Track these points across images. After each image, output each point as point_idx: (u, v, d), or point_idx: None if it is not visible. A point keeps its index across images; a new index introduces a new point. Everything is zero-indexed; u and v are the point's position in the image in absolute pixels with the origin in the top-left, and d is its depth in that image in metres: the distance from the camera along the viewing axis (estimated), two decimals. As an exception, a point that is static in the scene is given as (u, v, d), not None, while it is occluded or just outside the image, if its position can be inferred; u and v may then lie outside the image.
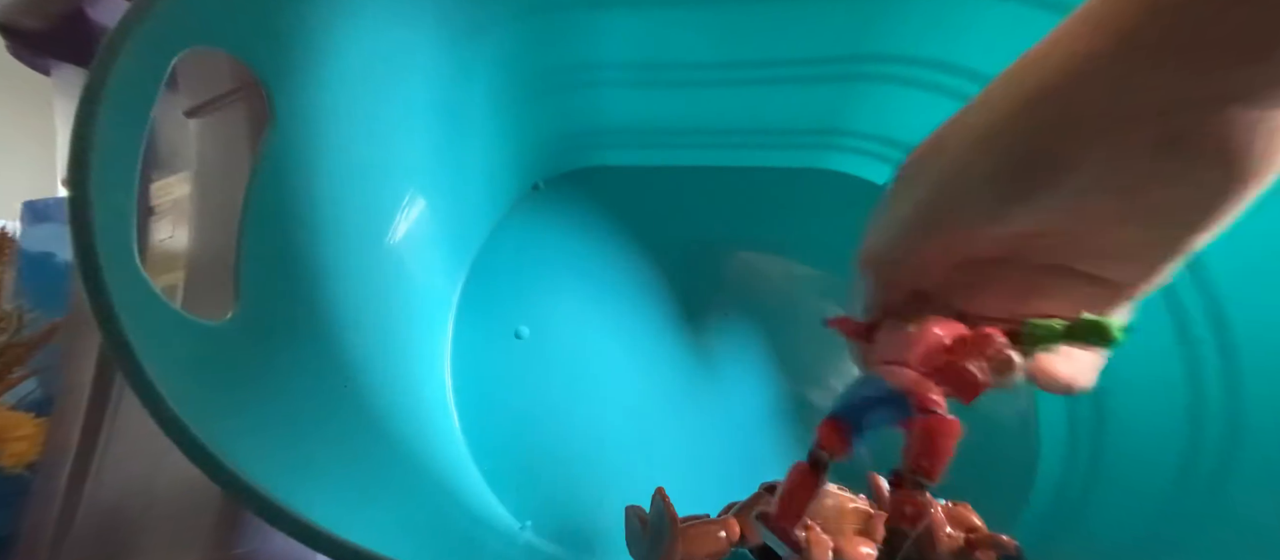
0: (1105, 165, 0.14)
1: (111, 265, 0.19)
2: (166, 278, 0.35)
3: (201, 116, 0.35)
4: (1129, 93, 0.13)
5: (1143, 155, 0.14)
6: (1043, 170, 0.15)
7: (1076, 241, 0.16)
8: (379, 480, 0.29)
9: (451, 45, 0.34)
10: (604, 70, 0.40)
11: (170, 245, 0.36)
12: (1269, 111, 0.13)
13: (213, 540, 0.30)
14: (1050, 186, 0.15)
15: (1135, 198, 0.15)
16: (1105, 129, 0.14)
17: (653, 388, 0.40)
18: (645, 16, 0.37)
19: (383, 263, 0.35)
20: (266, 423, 0.24)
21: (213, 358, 0.23)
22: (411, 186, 0.37)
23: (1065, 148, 0.15)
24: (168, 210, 0.37)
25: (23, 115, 0.64)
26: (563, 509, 0.37)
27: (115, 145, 0.20)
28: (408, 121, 0.34)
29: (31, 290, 0.43)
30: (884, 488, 0.28)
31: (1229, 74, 0.13)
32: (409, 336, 0.37)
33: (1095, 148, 0.14)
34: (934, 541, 0.27)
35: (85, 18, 0.43)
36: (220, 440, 0.19)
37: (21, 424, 0.37)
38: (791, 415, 0.39)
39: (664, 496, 0.24)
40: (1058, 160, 0.15)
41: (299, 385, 0.28)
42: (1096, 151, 0.14)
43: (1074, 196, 0.15)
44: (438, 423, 0.37)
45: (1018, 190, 0.15)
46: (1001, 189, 0.16)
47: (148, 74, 0.21)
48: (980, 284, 0.18)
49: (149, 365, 0.19)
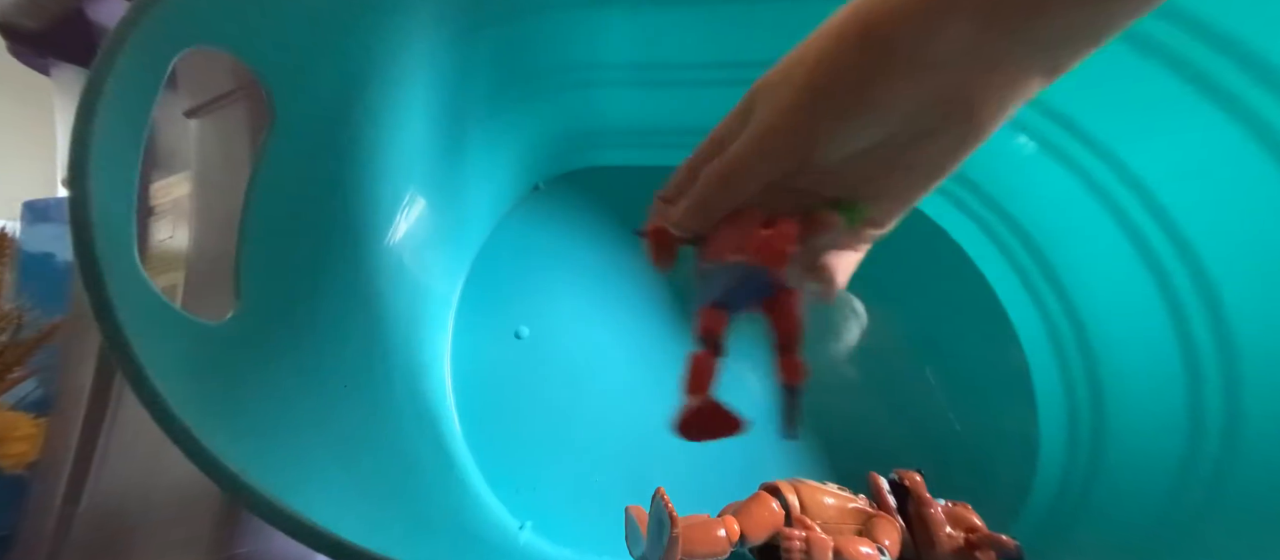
0: (905, 104, 0.17)
1: (111, 265, 0.19)
2: (166, 278, 0.35)
3: (201, 116, 0.35)
4: (931, 40, 0.16)
5: (927, 105, 0.17)
6: (854, 100, 0.17)
7: (859, 181, 0.19)
8: (379, 480, 0.29)
9: (451, 45, 0.34)
10: (603, 70, 0.40)
11: (170, 245, 0.36)
12: (1013, 77, 0.16)
13: (212, 540, 0.30)
14: (857, 117, 0.18)
15: (907, 150, 0.18)
16: (909, 71, 0.16)
17: (652, 387, 0.40)
18: (644, 16, 0.37)
19: (383, 263, 0.35)
20: (266, 423, 0.24)
21: (213, 357, 0.23)
22: (411, 186, 0.37)
23: (877, 83, 0.17)
24: (168, 210, 0.37)
25: (23, 115, 0.64)
26: (563, 509, 0.37)
27: (115, 145, 0.20)
28: (408, 121, 0.34)
29: (31, 290, 0.43)
30: (884, 487, 0.29)
31: (1008, 33, 0.16)
32: (409, 336, 0.37)
33: (899, 86, 0.17)
34: (934, 541, 0.27)
35: (85, 18, 0.43)
36: (220, 440, 0.19)
37: (21, 424, 0.37)
38: (791, 415, 0.39)
39: (664, 496, 0.24)
40: (868, 93, 0.17)
41: (299, 385, 0.28)
42: (900, 89, 0.17)
43: (872, 132, 0.18)
44: (438, 423, 0.37)
45: (832, 114, 0.18)
46: (820, 113, 0.18)
47: (148, 74, 0.21)
48: (778, 204, 0.21)
49: (149, 365, 0.19)
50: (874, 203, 0.20)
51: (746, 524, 0.25)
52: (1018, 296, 0.41)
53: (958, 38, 0.16)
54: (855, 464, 0.31)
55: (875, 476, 0.29)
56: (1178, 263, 0.31)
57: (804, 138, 0.18)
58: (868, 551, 0.25)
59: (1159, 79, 0.29)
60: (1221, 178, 0.29)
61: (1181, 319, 0.31)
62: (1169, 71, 0.29)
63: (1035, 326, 0.40)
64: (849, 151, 0.19)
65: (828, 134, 0.18)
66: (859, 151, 0.19)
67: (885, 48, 0.17)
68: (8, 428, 0.36)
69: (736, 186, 0.20)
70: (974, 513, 0.27)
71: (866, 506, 0.28)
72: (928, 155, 0.18)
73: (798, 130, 0.18)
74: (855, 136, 0.18)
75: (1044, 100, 0.35)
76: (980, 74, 0.16)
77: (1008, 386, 0.40)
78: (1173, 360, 0.31)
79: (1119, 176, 0.33)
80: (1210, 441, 0.28)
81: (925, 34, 0.16)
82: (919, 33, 0.16)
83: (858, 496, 0.28)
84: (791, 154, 0.19)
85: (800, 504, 0.26)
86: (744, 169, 0.20)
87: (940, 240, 0.44)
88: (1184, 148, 0.30)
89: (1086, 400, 0.36)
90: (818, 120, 0.18)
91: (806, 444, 0.38)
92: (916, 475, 0.28)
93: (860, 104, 0.17)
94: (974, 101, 0.17)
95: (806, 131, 0.18)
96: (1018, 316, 0.41)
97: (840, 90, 0.17)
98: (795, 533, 0.25)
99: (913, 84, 0.17)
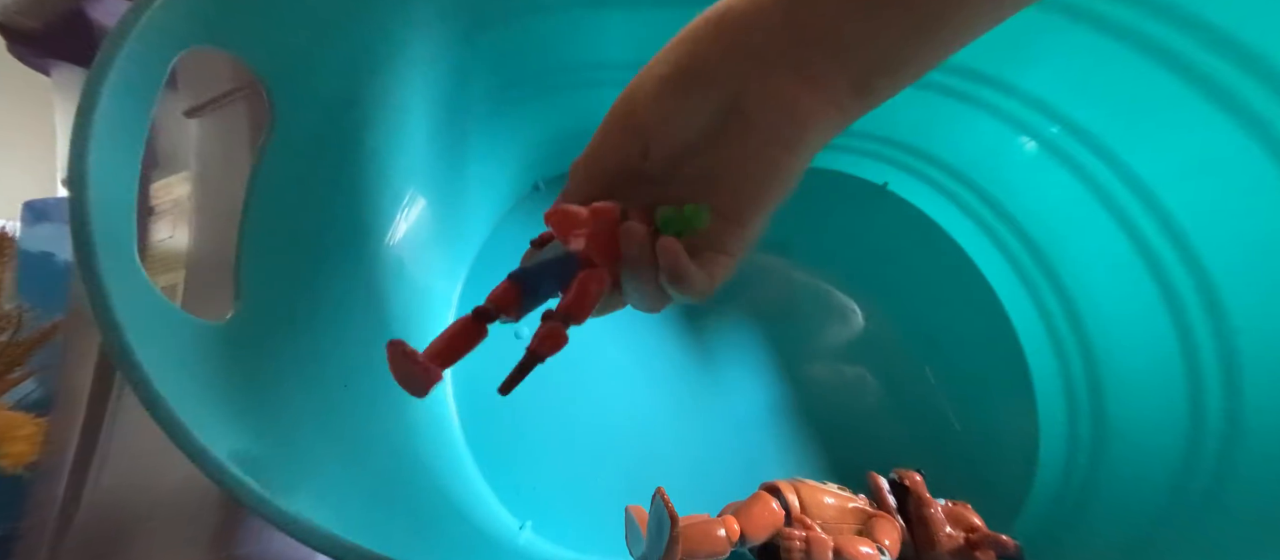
0: (730, 82, 0.19)
1: (111, 265, 0.19)
2: (166, 278, 0.35)
3: (201, 116, 0.35)
4: (761, 38, 0.18)
5: (750, 90, 0.18)
6: (702, 80, 0.19)
7: (703, 185, 0.20)
8: (378, 480, 0.29)
9: (451, 45, 0.34)
10: (603, 70, 0.40)
11: (170, 245, 0.36)
12: (818, 83, 0.18)
13: (213, 541, 0.30)
14: (702, 95, 0.19)
15: (739, 141, 0.19)
16: (737, 55, 0.18)
17: (653, 387, 0.40)
18: (644, 16, 0.37)
19: (383, 263, 0.35)
20: (266, 422, 0.24)
21: (213, 357, 0.23)
22: (411, 186, 0.37)
23: (708, 57, 0.19)
24: (168, 210, 0.37)
25: (23, 115, 0.65)
26: (563, 509, 0.37)
27: (115, 145, 0.20)
28: (408, 121, 0.34)
29: (31, 290, 0.43)
30: (884, 487, 0.29)
31: (809, 39, 0.17)
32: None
33: (728, 65, 0.18)
34: (934, 541, 0.27)
35: (85, 18, 0.43)
36: (220, 440, 0.19)
37: (21, 424, 0.37)
38: (791, 415, 0.39)
39: (664, 496, 0.24)
40: (714, 75, 0.19)
41: (299, 385, 0.28)
42: (729, 67, 0.18)
43: (703, 107, 0.19)
44: (438, 423, 0.37)
45: (670, 88, 0.19)
46: (660, 89, 0.19)
47: (148, 74, 0.21)
48: (636, 196, 0.22)
49: (149, 365, 0.19)
50: (720, 203, 0.20)
51: (746, 524, 0.25)
52: (1018, 296, 0.41)
53: (771, 32, 0.18)
54: (855, 464, 0.31)
55: (875, 476, 0.29)
56: (1178, 262, 0.31)
57: (643, 112, 0.20)
58: (868, 551, 0.25)
59: (1159, 79, 0.29)
60: (1221, 178, 0.29)
61: (1182, 319, 0.31)
62: (1169, 71, 0.29)
63: (1035, 326, 0.40)
64: (686, 133, 0.20)
65: (663, 109, 0.20)
66: (695, 137, 0.20)
67: (721, 29, 0.19)
68: (8, 428, 0.36)
69: (588, 170, 0.21)
70: (974, 513, 0.28)
71: (866, 506, 0.28)
72: (758, 149, 0.19)
73: (636, 103, 0.20)
74: (689, 113, 0.19)
75: (1045, 100, 0.35)
76: (790, 70, 0.18)
77: (1008, 386, 0.40)
78: (1173, 360, 0.31)
79: (1119, 176, 0.33)
80: (1210, 441, 0.28)
81: (752, 22, 0.18)
82: (749, 21, 0.18)
83: (858, 496, 0.28)
84: (633, 132, 0.20)
85: (800, 504, 0.26)
86: (592, 152, 0.21)
87: (940, 240, 0.44)
88: (1184, 148, 0.30)
89: (1086, 400, 0.36)
90: (657, 95, 0.20)
91: (806, 444, 0.38)
92: (916, 475, 0.28)
93: (692, 75, 0.19)
94: (786, 96, 0.18)
95: (646, 106, 0.20)
96: (1018, 316, 0.41)
97: (676, 62, 0.19)
98: (795, 533, 0.25)
99: (739, 64, 0.18)
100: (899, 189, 0.45)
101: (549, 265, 0.20)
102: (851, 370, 0.40)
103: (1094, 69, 0.32)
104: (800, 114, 0.18)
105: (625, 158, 0.21)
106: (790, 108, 0.18)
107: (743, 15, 0.18)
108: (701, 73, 0.19)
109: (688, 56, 0.19)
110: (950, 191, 0.42)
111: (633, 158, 0.21)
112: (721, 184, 0.20)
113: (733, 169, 0.20)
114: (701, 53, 0.19)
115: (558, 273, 0.20)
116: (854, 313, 0.42)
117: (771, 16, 0.18)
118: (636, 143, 0.20)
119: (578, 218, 0.20)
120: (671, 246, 0.19)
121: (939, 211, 0.44)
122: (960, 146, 0.40)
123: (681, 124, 0.20)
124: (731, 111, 0.19)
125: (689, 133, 0.20)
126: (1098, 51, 0.31)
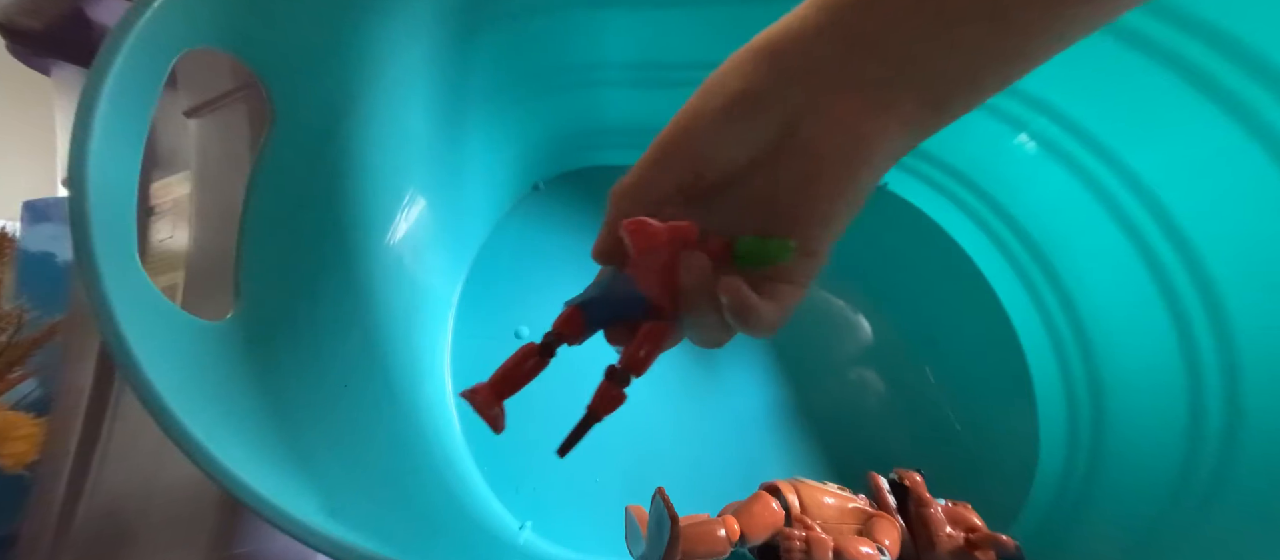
0: (783, 106, 0.18)
1: (111, 265, 0.19)
2: (166, 278, 0.35)
3: (201, 116, 0.35)
4: (814, 60, 0.18)
5: (805, 109, 0.18)
6: (762, 106, 0.19)
7: (767, 213, 0.20)
8: (378, 480, 0.29)
9: (451, 45, 0.34)
10: (604, 70, 0.40)
11: (170, 245, 0.36)
12: (885, 100, 0.17)
13: (213, 540, 0.30)
14: (762, 121, 0.19)
15: (795, 162, 0.19)
16: (791, 76, 0.18)
17: (653, 388, 0.40)
18: (644, 16, 0.37)
19: (383, 263, 0.35)
20: (266, 422, 0.24)
21: (213, 357, 0.23)
22: (411, 186, 0.37)
23: (780, 90, 0.18)
24: (168, 210, 0.37)
25: (23, 115, 0.64)
26: (563, 509, 0.37)
27: (115, 145, 0.20)
28: (408, 121, 0.34)
29: (31, 290, 0.43)
30: (884, 487, 0.29)
31: (864, 66, 0.17)
32: (409, 336, 0.37)
33: (793, 91, 0.18)
34: (934, 541, 0.27)
35: (85, 18, 0.43)
36: (220, 440, 0.19)
37: (21, 424, 0.37)
38: (791, 415, 0.39)
39: (664, 496, 0.24)
40: (773, 101, 0.18)
41: (299, 385, 0.28)
42: (781, 91, 0.18)
43: (756, 131, 0.19)
44: (438, 423, 0.37)
45: (719, 113, 0.19)
46: (707, 113, 0.19)
47: (148, 74, 0.21)
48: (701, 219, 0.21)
49: (149, 365, 0.19)
50: (789, 232, 0.19)
51: (746, 524, 0.25)
52: (1018, 296, 0.41)
53: (831, 55, 0.18)
54: (855, 464, 0.31)
55: (875, 476, 0.29)
56: (1178, 262, 0.31)
57: (700, 142, 0.19)
58: (868, 551, 0.25)
59: (1159, 79, 0.29)
60: (1221, 178, 0.29)
61: (1181, 318, 0.31)
62: (1169, 71, 0.29)
63: (1035, 326, 0.40)
64: (739, 161, 0.19)
65: (722, 138, 0.19)
66: (747, 164, 0.20)
67: (772, 55, 0.18)
68: (8, 428, 0.36)
69: (634, 197, 0.21)
70: (974, 513, 0.28)
71: (866, 506, 0.28)
72: (821, 172, 0.19)
73: (687, 129, 0.20)
74: (745, 141, 0.19)
75: (1044, 100, 0.35)
76: (849, 90, 0.18)
77: (1008, 386, 0.40)
78: (1173, 360, 0.31)
79: (1119, 176, 0.33)
80: (1210, 441, 0.28)
81: (803, 46, 0.18)
82: (800, 45, 0.18)
83: (858, 496, 0.28)
84: (687, 160, 0.20)
85: (800, 504, 0.26)
86: (638, 180, 0.21)
87: (941, 240, 0.44)
88: (1184, 148, 0.30)
89: (1086, 400, 0.36)
90: (715, 125, 0.19)
91: (806, 444, 0.38)
92: (916, 475, 0.28)
93: (752, 102, 0.19)
94: (850, 118, 0.18)
95: (703, 137, 0.19)
96: (1018, 316, 0.41)
97: (726, 89, 0.19)
98: (795, 532, 0.25)
99: (798, 88, 0.18)
100: (899, 189, 0.45)
101: (614, 304, 0.21)
102: (851, 370, 0.41)
103: (1094, 69, 0.32)
104: (866, 135, 0.18)
105: (674, 186, 0.20)
106: (854, 129, 0.18)
107: (799, 39, 0.18)
108: (761, 99, 0.19)
109: (743, 83, 0.19)
110: (950, 191, 0.42)
111: (682, 186, 0.20)
112: (780, 210, 0.19)
113: (795, 194, 0.19)
114: (759, 79, 0.18)
115: (620, 310, 0.21)
116: (854, 313, 0.42)
117: (832, 39, 0.18)
118: (688, 171, 0.20)
119: (655, 233, 0.19)
120: (733, 283, 0.19)
121: (939, 211, 0.44)
122: (960, 146, 0.40)
123: (736, 152, 0.19)
124: (786, 136, 0.19)
125: (741, 160, 0.20)
126: (1098, 51, 0.31)
